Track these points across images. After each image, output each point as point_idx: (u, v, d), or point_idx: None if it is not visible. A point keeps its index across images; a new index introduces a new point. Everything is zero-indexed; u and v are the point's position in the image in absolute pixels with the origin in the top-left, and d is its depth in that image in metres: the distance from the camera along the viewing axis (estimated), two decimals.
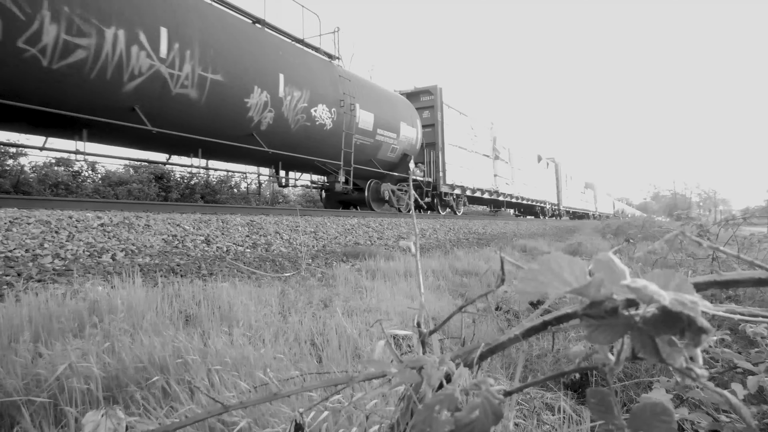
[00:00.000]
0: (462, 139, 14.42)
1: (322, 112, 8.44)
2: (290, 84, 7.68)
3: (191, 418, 0.60)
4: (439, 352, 0.66)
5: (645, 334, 0.34)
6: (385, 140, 10.44)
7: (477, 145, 15.62)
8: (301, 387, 0.63)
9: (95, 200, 6.17)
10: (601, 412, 0.40)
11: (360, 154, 9.73)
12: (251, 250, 4.94)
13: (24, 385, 1.33)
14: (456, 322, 2.09)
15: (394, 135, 10.73)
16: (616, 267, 0.34)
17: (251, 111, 7.04)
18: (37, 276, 2.97)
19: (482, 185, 15.89)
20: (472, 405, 0.40)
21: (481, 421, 0.39)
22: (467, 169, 14.61)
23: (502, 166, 17.94)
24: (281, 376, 1.35)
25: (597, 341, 0.35)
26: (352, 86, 9.32)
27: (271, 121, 7.42)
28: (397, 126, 10.86)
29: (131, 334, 1.73)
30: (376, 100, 10.19)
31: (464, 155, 14.53)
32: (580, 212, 33.80)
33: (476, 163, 15.47)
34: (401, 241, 0.85)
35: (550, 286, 0.35)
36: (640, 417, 0.37)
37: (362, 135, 9.65)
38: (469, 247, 7.03)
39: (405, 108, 11.51)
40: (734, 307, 0.65)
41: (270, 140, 7.61)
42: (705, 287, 0.57)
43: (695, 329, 0.32)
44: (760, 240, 3.43)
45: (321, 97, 8.38)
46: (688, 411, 1.02)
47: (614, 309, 0.35)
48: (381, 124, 10.21)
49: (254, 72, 6.97)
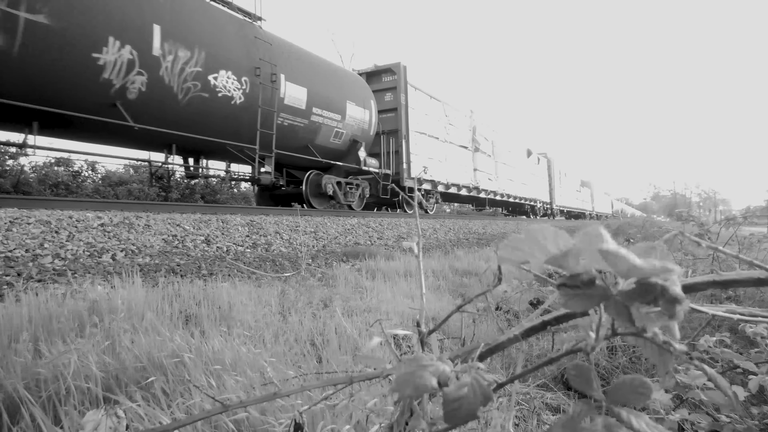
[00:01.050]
0: (433, 126, 12.70)
1: (227, 81, 6.60)
2: (172, 40, 5.82)
3: (191, 418, 0.60)
4: (438, 352, 0.66)
5: (620, 303, 0.34)
6: (325, 122, 8.52)
7: (452, 134, 13.92)
8: (301, 387, 0.63)
9: (95, 200, 6.16)
10: (581, 384, 0.40)
11: (289, 138, 7.92)
12: (251, 250, 4.94)
13: (24, 384, 1.33)
14: (456, 322, 2.09)
15: (338, 117, 8.79)
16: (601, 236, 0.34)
17: (107, 71, 5.21)
18: (37, 276, 2.97)
19: (459, 180, 14.04)
20: (462, 382, 0.40)
21: (470, 400, 0.38)
22: (439, 162, 12.90)
23: (484, 159, 16.15)
24: (281, 376, 1.35)
25: (572, 308, 0.35)
26: (275, 52, 7.40)
27: (144, 87, 5.64)
28: (343, 106, 8.90)
29: (131, 333, 1.73)
30: (310, 72, 8.27)
31: (436, 145, 12.79)
32: (575, 212, 32.08)
33: (451, 155, 13.72)
34: (403, 243, 0.85)
35: (531, 256, 0.36)
36: (619, 390, 0.38)
37: (290, 114, 7.76)
38: (469, 247, 7.03)
39: (354, 85, 9.52)
40: (734, 307, 0.65)
41: (145, 114, 5.82)
42: (704, 287, 0.57)
43: (669, 298, 0.32)
44: (760, 240, 3.43)
45: (225, 62, 6.53)
46: (688, 411, 1.02)
47: (591, 280, 0.35)
48: (318, 102, 8.29)
49: (107, 17, 5.17)
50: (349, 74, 9.84)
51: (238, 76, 6.81)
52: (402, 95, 11.24)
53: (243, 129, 7.12)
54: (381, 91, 11.31)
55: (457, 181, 13.93)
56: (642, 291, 0.33)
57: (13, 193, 9.92)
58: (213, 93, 6.47)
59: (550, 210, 25.77)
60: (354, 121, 9.32)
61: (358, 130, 9.51)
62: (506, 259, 0.37)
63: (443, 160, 13.19)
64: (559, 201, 27.11)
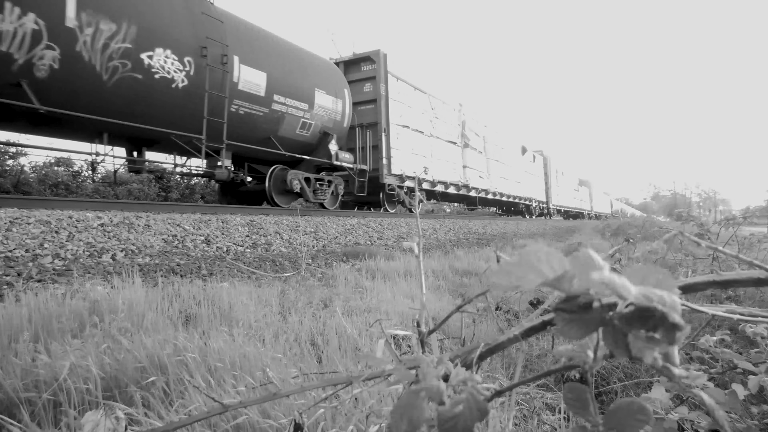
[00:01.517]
0: (417, 120, 11.86)
1: (165, 61, 5.77)
2: (92, 10, 5.00)
3: (191, 418, 0.60)
4: (438, 352, 0.66)
5: (618, 330, 0.34)
6: (289, 112, 7.66)
7: (439, 129, 13.11)
8: (301, 387, 0.63)
9: (95, 200, 6.15)
10: (577, 408, 0.39)
11: (246, 128, 7.13)
12: (251, 250, 4.94)
13: (23, 385, 1.33)
14: (456, 322, 2.09)
15: (305, 106, 7.96)
16: (593, 261, 0.34)
17: (4, 43, 4.45)
18: (37, 276, 2.97)
19: (446, 177, 13.17)
20: (457, 400, 0.40)
21: (465, 417, 0.38)
22: (424, 157, 12.09)
23: (475, 156, 15.33)
24: (281, 376, 1.35)
25: (569, 336, 0.34)
26: (227, 30, 6.58)
27: (56, 64, 4.82)
28: (310, 94, 8.06)
29: (132, 333, 1.73)
30: (271, 55, 7.39)
31: (420, 140, 11.96)
32: (573, 211, 31.29)
33: (438, 150, 12.91)
34: (404, 242, 0.85)
35: (524, 280, 0.35)
36: (616, 415, 0.37)
37: (247, 101, 6.94)
38: (469, 247, 7.03)
39: (324, 72, 8.63)
40: (734, 307, 0.65)
41: (60, 96, 5.01)
42: (704, 287, 0.57)
43: (668, 325, 0.31)
44: (759, 240, 3.43)
45: (162, 39, 5.71)
46: (688, 410, 1.02)
47: (588, 304, 0.35)
48: (281, 89, 7.44)
49: None
50: (319, 59, 8.80)
51: (180, 56, 5.94)
52: (382, 85, 10.36)
53: (187, 116, 6.26)
54: (360, 81, 10.51)
55: (445, 178, 13.12)
56: (640, 316, 0.32)
57: (13, 193, 9.92)
58: (148, 74, 5.62)
59: (546, 210, 25.01)
60: (324, 112, 8.45)
61: (329, 121, 8.66)
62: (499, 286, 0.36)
63: (429, 155, 12.39)
64: (556, 200, 26.40)
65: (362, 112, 10.42)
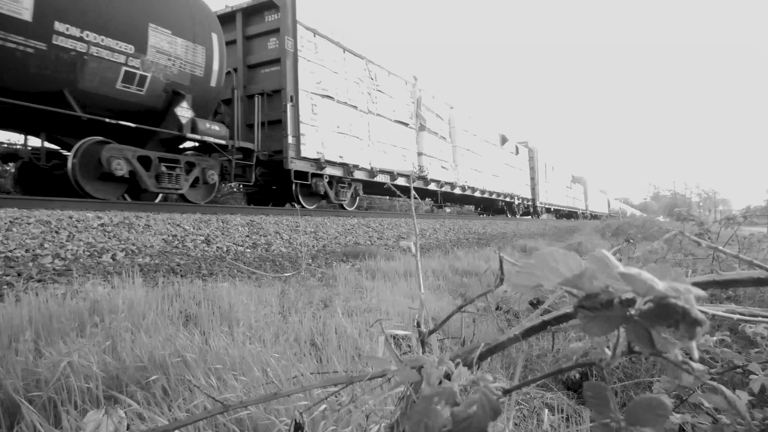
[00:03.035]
0: (347, 90, 9.25)
1: None
2: None
3: (191, 418, 0.60)
4: (438, 352, 0.66)
5: (640, 326, 0.34)
6: (97, 54, 5.26)
7: (383, 105, 10.46)
8: (301, 387, 0.63)
9: (95, 200, 6.14)
10: (597, 406, 0.40)
11: (14, 74, 4.76)
12: (251, 250, 4.95)
13: (24, 385, 1.34)
14: (456, 322, 2.09)
15: (129, 47, 5.53)
16: (610, 261, 0.34)
17: None
18: (38, 276, 2.97)
19: (392, 165, 10.53)
20: (470, 400, 0.40)
21: (479, 417, 0.39)
22: (358, 138, 9.51)
23: (435, 141, 12.77)
24: (281, 376, 1.35)
25: (592, 333, 0.35)
26: None
27: None
28: (140, 31, 5.64)
29: (132, 333, 1.73)
30: None
31: (352, 116, 9.36)
32: (564, 210, 28.88)
33: (380, 131, 10.30)
34: (401, 242, 0.85)
35: (545, 279, 0.36)
36: (636, 411, 0.38)
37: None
38: (469, 247, 7.03)
39: (169, 1, 6.11)
40: (734, 307, 0.65)
41: None
42: (704, 287, 0.57)
43: (690, 321, 0.32)
44: (760, 240, 3.43)
45: None
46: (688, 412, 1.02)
47: (609, 301, 0.35)
48: (71, 16, 5.01)
49: None
50: None
51: None
52: (288, 39, 7.77)
53: None
54: (263, 35, 8.18)
55: (390, 166, 10.47)
56: (662, 313, 0.33)
57: (13, 192, 9.90)
58: None
59: (532, 208, 22.83)
60: (168, 61, 5.98)
61: (182, 76, 6.18)
62: (521, 286, 0.37)
63: (365, 137, 9.70)
64: (545, 198, 23.94)
65: (266, 75, 8.12)
